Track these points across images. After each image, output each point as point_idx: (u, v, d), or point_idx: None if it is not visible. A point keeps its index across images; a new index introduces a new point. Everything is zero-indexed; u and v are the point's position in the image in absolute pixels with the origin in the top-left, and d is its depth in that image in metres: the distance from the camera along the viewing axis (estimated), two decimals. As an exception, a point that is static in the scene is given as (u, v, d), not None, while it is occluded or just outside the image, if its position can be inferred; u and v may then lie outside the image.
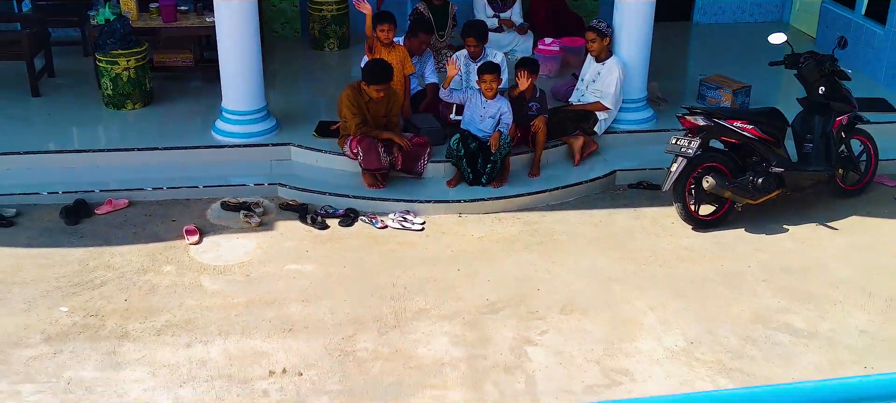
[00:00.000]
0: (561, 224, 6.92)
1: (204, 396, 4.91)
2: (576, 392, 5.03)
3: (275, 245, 6.52)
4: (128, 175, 7.13)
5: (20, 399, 4.87)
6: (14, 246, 6.39)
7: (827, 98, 6.93)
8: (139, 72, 7.91)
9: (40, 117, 7.90)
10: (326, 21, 9.64)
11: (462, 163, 7.04)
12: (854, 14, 9.43)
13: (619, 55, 7.66)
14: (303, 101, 8.44)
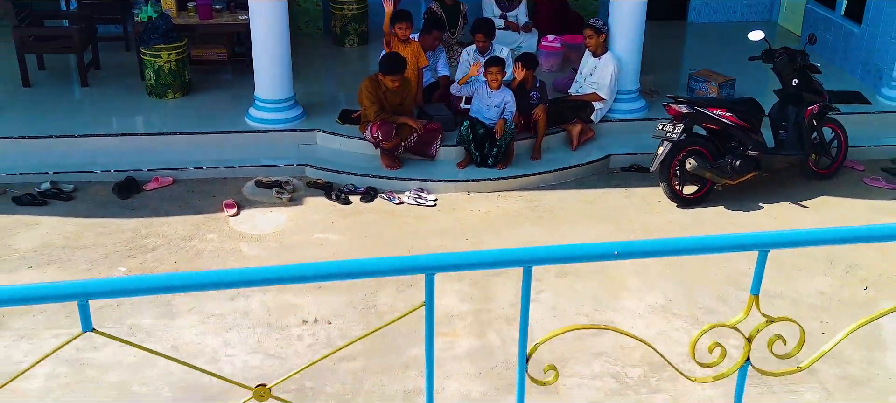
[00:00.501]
0: (559, 201, 7.72)
1: (247, 339, 5.74)
2: (566, 337, 5.82)
3: (304, 217, 7.34)
4: (171, 156, 7.96)
5: (91, 340, 5.69)
6: (74, 216, 7.24)
7: (800, 89, 7.69)
8: (179, 64, 8.74)
9: (91, 105, 8.74)
10: (347, 19, 10.46)
11: (471, 146, 7.84)
12: (834, 14, 10.19)
13: (614, 51, 8.44)
14: (326, 92, 9.25)
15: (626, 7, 8.32)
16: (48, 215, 7.24)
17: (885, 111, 8.90)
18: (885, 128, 8.77)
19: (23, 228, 7.04)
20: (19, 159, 7.82)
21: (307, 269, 2.14)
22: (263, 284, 2.04)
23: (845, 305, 6.23)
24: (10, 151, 7.88)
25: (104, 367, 5.45)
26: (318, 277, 2.17)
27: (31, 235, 6.93)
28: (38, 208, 7.32)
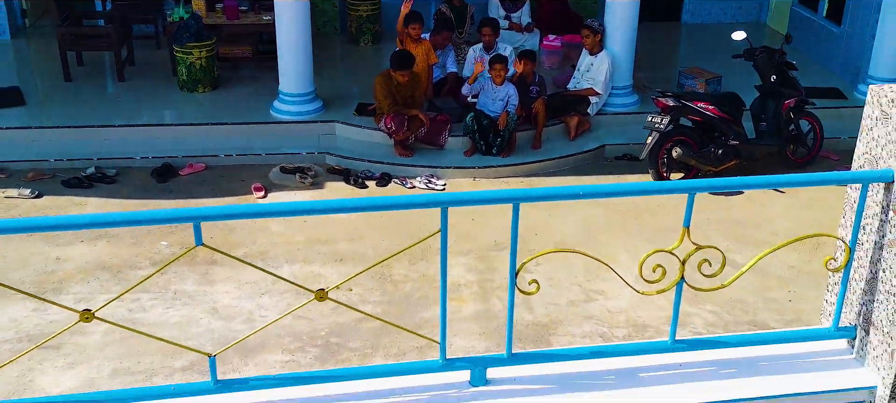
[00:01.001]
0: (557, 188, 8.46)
1: (278, 303, 6.49)
2: (560, 304, 6.58)
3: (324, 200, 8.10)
4: (203, 144, 8.72)
5: (141, 303, 6.47)
6: (118, 198, 8.01)
7: (778, 85, 8.42)
8: (209, 61, 9.51)
9: (128, 98, 9.51)
10: (362, 20, 11.22)
11: (476, 136, 8.59)
12: (816, 15, 10.91)
13: (610, 49, 9.18)
14: (343, 86, 9.99)
15: (620, 9, 9.06)
16: (94, 196, 8.02)
17: (861, 106, 9.57)
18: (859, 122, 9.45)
19: (73, 208, 7.82)
20: (65, 147, 8.59)
21: (345, 203, 2.87)
22: (326, 212, 2.78)
23: (812, 277, 6.95)
24: (57, 139, 8.66)
25: (153, 326, 6.21)
26: (352, 208, 2.89)
27: (79, 214, 7.70)
28: (85, 190, 8.09)
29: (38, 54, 10.86)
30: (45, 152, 8.53)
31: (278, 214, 3.14)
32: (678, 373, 3.13)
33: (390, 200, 3.02)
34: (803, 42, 11.02)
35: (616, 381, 3.09)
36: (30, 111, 9.09)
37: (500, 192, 2.96)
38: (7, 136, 8.65)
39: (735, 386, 3.09)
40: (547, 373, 3.13)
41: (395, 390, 3.03)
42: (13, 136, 8.66)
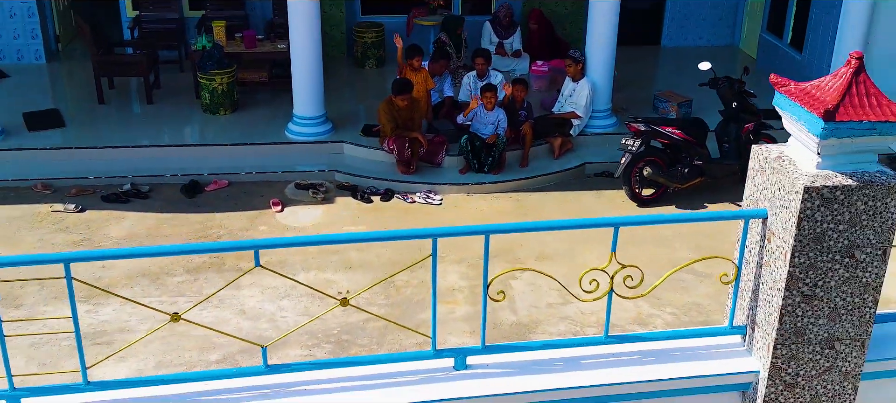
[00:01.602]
0: (542, 201, 9.50)
1: (296, 305, 7.52)
2: (540, 306, 7.60)
3: (335, 213, 9.14)
4: (226, 162, 9.75)
5: (178, 306, 7.49)
6: (152, 211, 9.05)
7: (738, 110, 9.44)
8: (229, 86, 10.55)
9: (156, 120, 10.54)
10: (367, 45, 12.25)
11: (470, 156, 9.62)
12: (781, 42, 11.94)
13: (590, 77, 10.21)
14: (350, 108, 11.01)
15: (599, 41, 10.09)
16: (131, 210, 9.05)
17: (818, 127, 10.61)
18: (816, 141, 10.47)
19: (113, 221, 8.85)
20: (103, 165, 9.62)
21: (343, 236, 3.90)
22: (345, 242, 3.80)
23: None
24: (95, 158, 9.69)
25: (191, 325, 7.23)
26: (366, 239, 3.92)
27: (119, 226, 8.75)
28: (122, 205, 9.13)
29: (72, 77, 11.90)
30: (84, 170, 9.55)
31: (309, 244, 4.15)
32: (610, 360, 4.16)
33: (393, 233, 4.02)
34: (770, 66, 12.05)
35: (563, 366, 4.12)
36: (69, 132, 10.12)
37: (475, 227, 3.96)
38: (50, 155, 9.68)
39: (653, 371, 4.12)
40: (512, 360, 4.15)
41: (396, 373, 4.05)
42: (56, 155, 9.69)
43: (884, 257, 3.85)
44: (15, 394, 3.71)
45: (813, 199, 3.68)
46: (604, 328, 4.21)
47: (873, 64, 10.21)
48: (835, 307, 3.92)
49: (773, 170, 3.90)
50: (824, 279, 3.84)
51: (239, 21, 11.94)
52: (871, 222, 3.76)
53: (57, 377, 5.48)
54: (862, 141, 3.70)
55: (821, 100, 3.66)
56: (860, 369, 4.09)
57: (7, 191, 9.32)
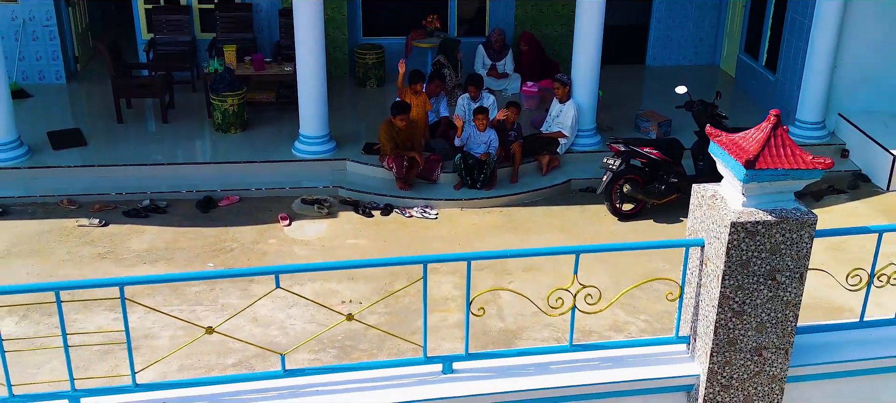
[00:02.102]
0: (531, 215, 10.25)
1: (303, 313, 8.28)
2: (526, 314, 8.35)
3: (338, 227, 9.90)
4: (237, 179, 10.51)
5: (196, 314, 8.26)
6: (170, 225, 9.81)
7: (711, 132, 10.18)
8: (240, 107, 11.31)
9: (171, 138, 11.30)
10: (368, 65, 13.02)
11: (463, 173, 10.37)
12: (757, 64, 12.70)
13: (576, 98, 10.96)
14: (352, 126, 11.76)
15: (584, 66, 10.84)
16: (150, 225, 9.81)
17: (789, 144, 11.37)
18: (787, 158, 11.23)
19: (134, 235, 9.61)
20: (123, 182, 10.38)
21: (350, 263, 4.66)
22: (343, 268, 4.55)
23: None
24: (115, 175, 10.45)
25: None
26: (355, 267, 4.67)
27: (140, 240, 9.51)
28: (142, 219, 9.89)
29: (91, 97, 12.66)
30: (106, 186, 10.31)
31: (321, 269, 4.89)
32: (575, 366, 4.92)
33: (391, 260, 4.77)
34: (747, 85, 12.81)
35: (535, 371, 4.87)
36: (91, 150, 10.87)
37: (459, 255, 4.72)
38: (74, 173, 10.44)
39: (611, 374, 4.87)
40: (491, 365, 4.91)
41: (394, 376, 4.81)
42: (79, 173, 10.45)
43: (801, 279, 4.61)
44: (76, 394, 4.46)
45: (739, 232, 4.43)
46: (568, 338, 4.97)
47: (840, 85, 11.06)
48: (761, 321, 4.68)
49: (708, 207, 4.66)
50: (751, 297, 4.60)
51: (247, 43, 12.71)
52: (788, 250, 4.51)
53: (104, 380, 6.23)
54: (779, 184, 4.45)
55: (744, 151, 4.41)
56: (785, 373, 4.85)
57: (36, 207, 10.09)
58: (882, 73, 11.38)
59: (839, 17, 10.80)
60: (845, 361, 4.99)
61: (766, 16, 12.50)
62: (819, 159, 4.40)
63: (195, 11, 13.01)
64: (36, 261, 9.08)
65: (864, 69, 11.35)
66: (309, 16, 10.22)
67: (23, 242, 9.41)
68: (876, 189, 10.77)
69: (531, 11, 13.54)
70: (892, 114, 11.48)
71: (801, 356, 4.95)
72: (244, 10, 12.89)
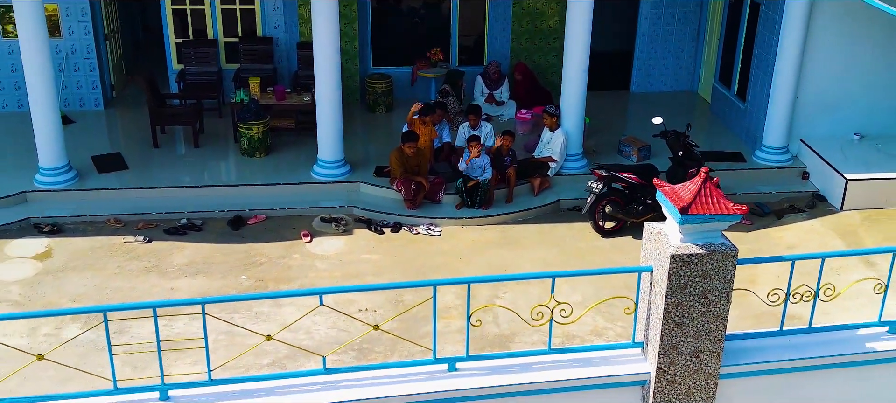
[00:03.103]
0: (523, 232, 11.58)
1: (326, 320, 9.59)
2: (518, 321, 9.65)
3: (354, 243, 11.22)
4: (263, 199, 11.84)
5: (233, 320, 9.56)
6: (205, 242, 11.13)
7: (683, 158, 11.52)
8: (263, 133, 12.63)
9: (202, 162, 12.62)
10: (378, 93, 14.35)
11: (464, 194, 11.70)
12: (730, 92, 14.04)
13: (564, 127, 12.29)
14: (364, 150, 13.07)
15: (571, 97, 12.17)
16: (188, 241, 11.14)
17: (756, 167, 12.73)
18: (754, 181, 12.58)
19: (175, 250, 10.94)
20: (162, 202, 11.69)
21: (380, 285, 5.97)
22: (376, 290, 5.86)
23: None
24: (155, 196, 11.77)
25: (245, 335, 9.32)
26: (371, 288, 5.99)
27: (181, 255, 10.84)
28: (181, 236, 11.21)
29: (127, 123, 13.98)
30: (147, 206, 11.64)
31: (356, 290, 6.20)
32: (552, 365, 6.24)
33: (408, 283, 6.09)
34: (720, 112, 14.16)
35: (520, 369, 6.20)
36: (132, 173, 12.19)
37: (462, 279, 6.03)
38: (118, 194, 11.76)
39: (581, 372, 6.19)
40: (487, 365, 6.23)
41: (408, 374, 6.12)
42: (122, 194, 11.78)
43: (727, 297, 5.93)
44: (165, 387, 5.79)
45: (677, 262, 5.76)
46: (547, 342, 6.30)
47: (802, 114, 12.40)
48: (697, 330, 6.00)
49: (655, 241, 5.99)
50: (689, 312, 5.93)
51: (268, 73, 14.03)
52: (716, 275, 5.84)
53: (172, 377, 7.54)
54: (707, 225, 5.77)
55: (681, 199, 5.74)
56: (717, 371, 6.18)
57: (86, 225, 11.42)
58: (839, 104, 12.71)
59: (799, 53, 12.13)
60: (766, 362, 6.32)
61: (737, 49, 13.83)
62: (737, 207, 5.74)
63: (221, 44, 14.33)
64: (91, 274, 10.40)
65: (823, 100, 12.67)
66: (327, 53, 11.54)
67: (78, 258, 10.74)
68: (831, 208, 12.11)
69: (525, 44, 14.87)
70: (848, 140, 12.81)
71: (730, 357, 6.28)
72: (265, 44, 14.21)
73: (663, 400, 6.23)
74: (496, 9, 14.71)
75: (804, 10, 11.88)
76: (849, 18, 12.14)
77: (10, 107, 14.07)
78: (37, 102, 11.41)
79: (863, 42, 12.35)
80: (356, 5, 14.12)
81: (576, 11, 11.67)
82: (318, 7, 11.23)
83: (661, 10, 14.95)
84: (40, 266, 10.58)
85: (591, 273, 6.83)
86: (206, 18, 14.20)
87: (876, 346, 6.47)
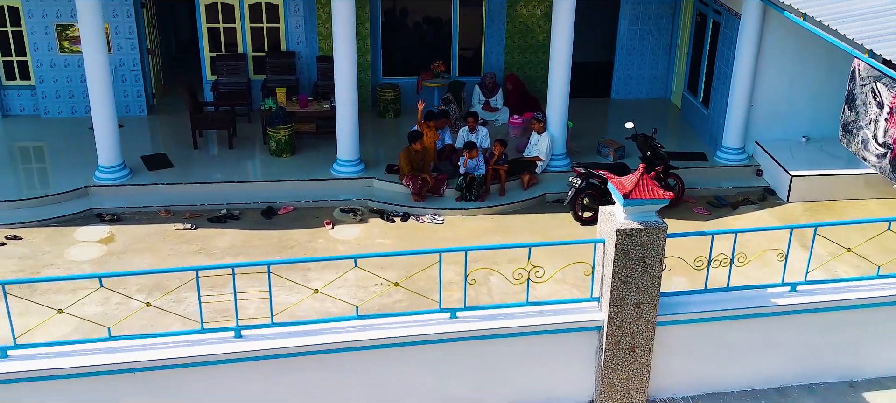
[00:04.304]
0: (514, 221, 13.54)
1: (348, 292, 11.54)
2: (509, 293, 11.62)
3: (369, 230, 13.18)
4: (290, 193, 13.80)
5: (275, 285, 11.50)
6: (243, 229, 13.08)
7: (651, 158, 13.48)
8: (289, 136, 14.60)
9: (237, 161, 14.59)
10: (387, 101, 16.32)
11: (463, 189, 13.67)
12: (696, 100, 16.02)
13: (549, 131, 14.26)
14: (375, 151, 15.03)
15: (555, 106, 14.13)
16: (229, 228, 13.10)
17: (716, 165, 14.69)
18: (715, 177, 14.54)
19: (218, 236, 12.90)
20: (204, 195, 13.65)
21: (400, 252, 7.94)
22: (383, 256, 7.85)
23: (653, 277, 12.01)
24: (198, 190, 13.72)
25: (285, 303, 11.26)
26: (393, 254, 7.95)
27: (223, 240, 12.80)
28: (222, 224, 13.17)
29: (168, 127, 15.95)
30: (191, 199, 13.60)
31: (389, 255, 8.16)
32: (529, 314, 8.20)
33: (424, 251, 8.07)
34: (688, 117, 16.12)
35: (505, 316, 8.16)
36: (177, 171, 14.16)
37: (458, 248, 7.99)
38: (166, 189, 13.72)
39: (551, 318, 8.16)
40: (480, 314, 8.20)
41: (418, 320, 8.08)
42: (170, 189, 13.73)
43: (660, 262, 7.89)
44: (238, 328, 7.74)
45: (622, 235, 7.72)
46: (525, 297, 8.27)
47: (756, 119, 14.38)
48: (638, 287, 7.97)
49: (607, 220, 7.96)
50: (631, 273, 7.89)
51: (291, 83, 16.00)
52: (652, 245, 7.81)
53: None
54: (643, 207, 7.74)
55: (625, 187, 7.69)
56: (655, 319, 8.15)
57: (140, 215, 13.39)
58: (787, 111, 14.66)
59: (753, 67, 14.09)
60: (693, 312, 8.29)
61: (702, 62, 15.80)
62: (665, 193, 7.70)
63: (250, 58, 16.31)
64: (149, 255, 12.37)
65: (773, 107, 14.62)
66: (346, 67, 13.49)
67: (136, 242, 12.71)
68: (779, 201, 14.07)
69: (517, 57, 16.85)
70: (796, 142, 14.77)
71: (665, 309, 8.25)
72: (289, 57, 16.18)
73: (614, 342, 8.19)
74: (491, 26, 16.67)
75: (756, 31, 13.83)
76: (795, 39, 14.08)
77: (65, 112, 16.03)
78: (98, 109, 13.37)
79: (808, 59, 14.29)
80: (368, 23, 16.09)
81: (559, 34, 13.63)
82: (339, 27, 13.19)
83: (637, 26, 16.93)
84: (105, 248, 12.55)
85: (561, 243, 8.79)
86: (236, 34, 16.18)
87: (779, 302, 8.44)
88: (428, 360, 8.15)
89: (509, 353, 8.27)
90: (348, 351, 7.94)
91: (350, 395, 8.14)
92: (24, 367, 7.34)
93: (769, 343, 8.59)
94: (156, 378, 7.67)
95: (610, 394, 8.39)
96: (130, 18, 15.57)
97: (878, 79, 10.98)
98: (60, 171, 14.10)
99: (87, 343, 7.61)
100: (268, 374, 7.87)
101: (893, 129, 10.88)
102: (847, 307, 8.53)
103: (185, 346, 7.67)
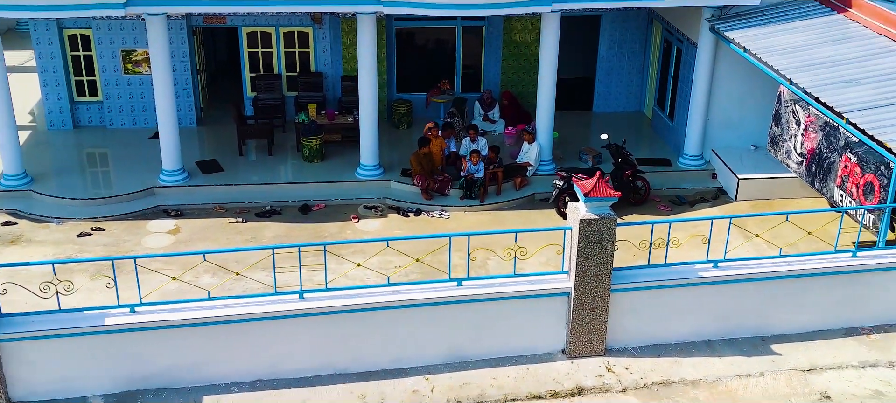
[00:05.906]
0: (508, 216, 16.32)
1: (373, 273, 14.30)
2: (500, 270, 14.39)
3: (388, 224, 15.96)
4: (322, 192, 16.57)
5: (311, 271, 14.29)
6: (284, 223, 15.85)
7: (622, 164, 16.24)
8: (320, 145, 17.38)
9: (275, 166, 17.37)
10: (401, 114, 19.11)
11: (465, 189, 16.45)
12: (664, 113, 18.80)
13: (538, 140, 17.04)
14: (391, 156, 17.78)
15: (543, 119, 16.92)
16: (273, 222, 15.88)
17: (679, 170, 17.46)
18: (677, 179, 17.30)
19: (265, 228, 15.69)
20: (250, 194, 16.44)
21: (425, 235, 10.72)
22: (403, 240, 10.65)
23: (620, 261, 14.84)
24: (245, 190, 16.51)
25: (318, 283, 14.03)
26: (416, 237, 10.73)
27: (269, 231, 15.58)
28: (267, 218, 15.96)
29: (216, 137, 18.73)
30: (240, 197, 16.39)
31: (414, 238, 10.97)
32: (517, 283, 10.99)
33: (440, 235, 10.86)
34: (657, 128, 18.92)
35: (498, 284, 10.94)
36: (227, 174, 16.94)
37: (462, 233, 10.79)
38: (219, 189, 16.51)
39: (531, 286, 10.94)
40: (480, 283, 10.98)
41: (432, 287, 10.86)
42: (222, 189, 16.52)
43: (612, 244, 10.65)
44: (302, 292, 10.52)
45: (584, 225, 10.50)
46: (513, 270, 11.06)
47: (712, 129, 17.21)
48: (596, 262, 10.74)
49: (573, 212, 10.74)
50: (592, 252, 10.67)
51: (319, 99, 18.78)
52: (606, 231, 10.58)
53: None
54: (599, 203, 10.49)
55: (585, 188, 10.46)
56: (609, 287, 10.94)
57: (199, 210, 16.17)
58: (739, 122, 17.43)
59: (708, 86, 16.85)
60: (639, 281, 11.05)
61: (668, 80, 18.58)
62: (614, 193, 10.47)
63: (284, 77, 19.10)
64: (210, 243, 15.14)
65: (726, 119, 17.39)
66: (368, 86, 16.28)
67: (199, 232, 15.50)
68: (729, 199, 16.84)
69: (512, 76, 19.65)
70: (746, 150, 17.54)
71: (618, 279, 11.01)
72: (317, 77, 18.98)
73: (579, 305, 10.96)
74: (490, 47, 19.44)
75: (711, 57, 16.60)
76: (743, 64, 16.81)
77: (127, 124, 18.83)
78: (164, 121, 16.16)
79: (754, 81, 17.03)
80: (386, 49, 18.88)
81: (546, 59, 16.42)
82: (363, 53, 15.95)
83: (614, 49, 19.72)
84: (173, 238, 15.35)
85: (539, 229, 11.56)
86: (273, 58, 18.98)
87: (704, 274, 11.21)
88: (439, 318, 10.89)
89: (501, 312, 11.00)
90: (381, 310, 10.69)
91: (381, 342, 10.88)
92: (147, 318, 10.12)
93: (698, 306, 11.34)
94: (242, 329, 10.44)
95: (577, 344, 11.15)
96: (184, 43, 18.37)
97: (797, 101, 13.80)
98: (127, 174, 16.89)
99: (192, 302, 10.39)
100: (323, 326, 10.63)
101: (808, 142, 13.69)
102: (757, 279, 11.28)
103: (264, 305, 10.43)
